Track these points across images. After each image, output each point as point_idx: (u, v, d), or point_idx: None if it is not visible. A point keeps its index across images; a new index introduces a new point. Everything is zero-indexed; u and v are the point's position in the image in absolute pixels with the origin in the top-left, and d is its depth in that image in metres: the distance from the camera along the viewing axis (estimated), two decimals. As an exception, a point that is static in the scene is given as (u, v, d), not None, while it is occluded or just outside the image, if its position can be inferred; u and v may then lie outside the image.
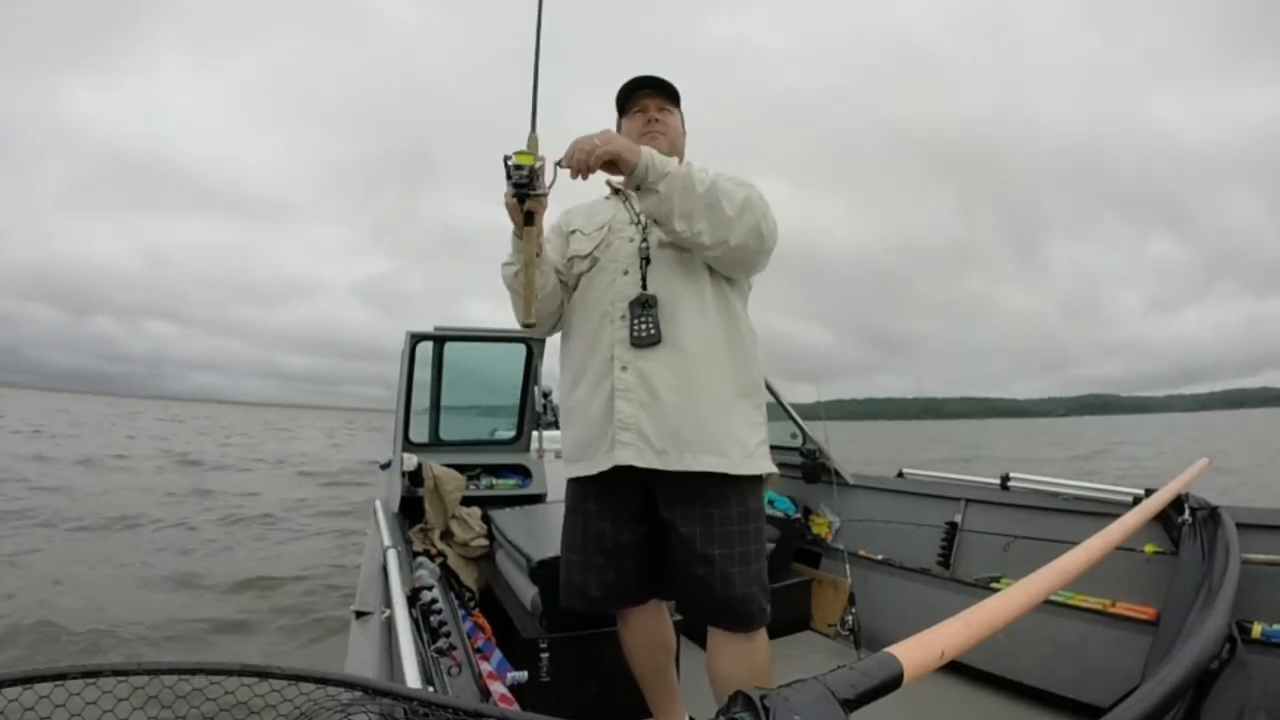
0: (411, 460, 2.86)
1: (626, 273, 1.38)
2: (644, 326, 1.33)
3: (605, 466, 1.34)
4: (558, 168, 1.25)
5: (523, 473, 3.25)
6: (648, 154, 1.24)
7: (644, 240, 1.39)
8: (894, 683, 0.61)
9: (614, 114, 1.52)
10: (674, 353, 1.33)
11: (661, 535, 1.39)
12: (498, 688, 1.60)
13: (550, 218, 1.36)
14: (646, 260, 1.37)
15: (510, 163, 1.21)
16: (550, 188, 1.25)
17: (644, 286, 1.36)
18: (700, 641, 1.70)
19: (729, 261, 1.34)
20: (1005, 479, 2.48)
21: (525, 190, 1.22)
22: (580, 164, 1.21)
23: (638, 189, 1.26)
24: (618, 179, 1.29)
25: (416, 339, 3.06)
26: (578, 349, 1.43)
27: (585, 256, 1.44)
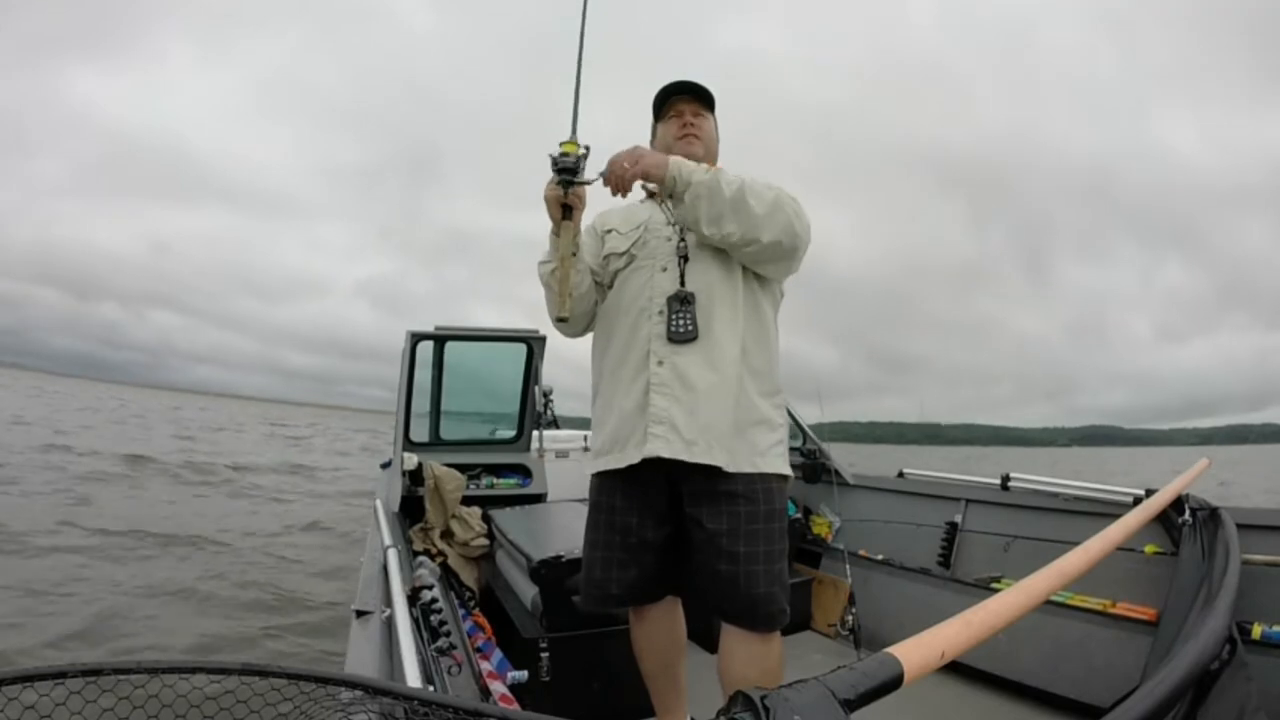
0: (412, 459, 2.86)
1: (665, 269, 1.40)
2: (682, 321, 1.35)
3: (636, 459, 1.35)
4: (600, 179, 1.30)
5: (523, 472, 3.25)
6: (674, 163, 1.28)
7: (682, 239, 1.42)
8: (894, 683, 0.61)
9: (637, 122, 1.56)
10: (709, 349, 1.34)
11: (684, 533, 1.40)
12: (498, 687, 1.59)
13: (586, 219, 1.39)
14: (685, 258, 1.39)
15: (557, 153, 1.26)
16: (591, 183, 1.29)
17: (682, 283, 1.38)
18: (701, 642, 1.70)
19: (765, 260, 1.37)
20: (1005, 479, 2.48)
21: (570, 177, 1.25)
22: (619, 180, 1.25)
23: (670, 198, 1.32)
24: (653, 222, 1.37)
25: (417, 338, 3.06)
26: (613, 344, 1.44)
27: (622, 254, 1.46)
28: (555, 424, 4.35)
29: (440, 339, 3.16)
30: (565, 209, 1.27)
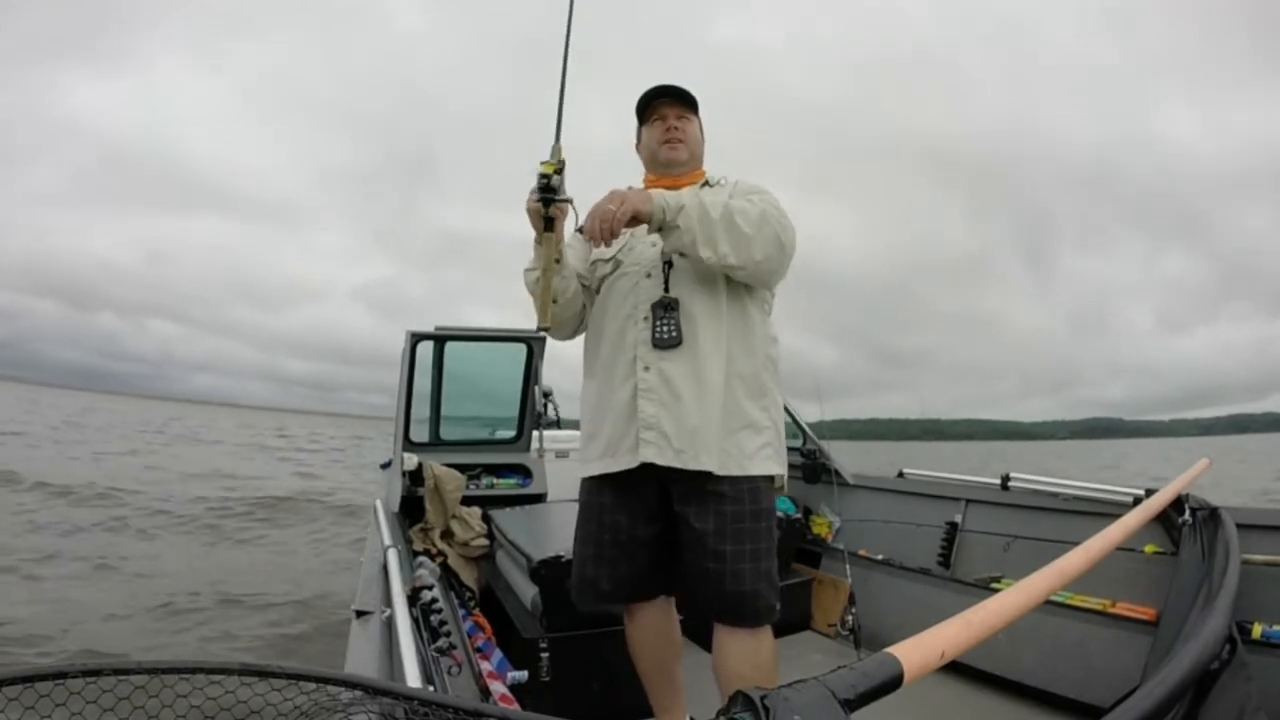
0: (412, 460, 2.86)
1: (649, 276, 1.42)
2: (666, 328, 1.37)
3: (629, 465, 1.38)
4: (578, 233, 1.35)
5: (523, 472, 3.25)
6: (659, 197, 1.30)
7: None
8: (894, 683, 0.61)
9: (625, 118, 1.56)
10: (693, 354, 1.36)
11: (675, 531, 1.42)
12: (498, 687, 1.60)
13: (573, 223, 1.42)
14: (669, 264, 1.42)
15: (539, 170, 1.30)
16: (570, 200, 1.33)
17: (666, 289, 1.40)
18: (701, 642, 1.70)
19: (756, 277, 1.39)
20: (1005, 479, 2.48)
21: (550, 195, 1.29)
22: (604, 232, 1.26)
23: (660, 231, 1.32)
24: (638, 229, 1.36)
25: (417, 338, 3.06)
26: (602, 350, 1.46)
27: (608, 260, 1.49)
28: (558, 424, 4.34)
29: (440, 339, 3.16)
30: (547, 221, 1.31)
